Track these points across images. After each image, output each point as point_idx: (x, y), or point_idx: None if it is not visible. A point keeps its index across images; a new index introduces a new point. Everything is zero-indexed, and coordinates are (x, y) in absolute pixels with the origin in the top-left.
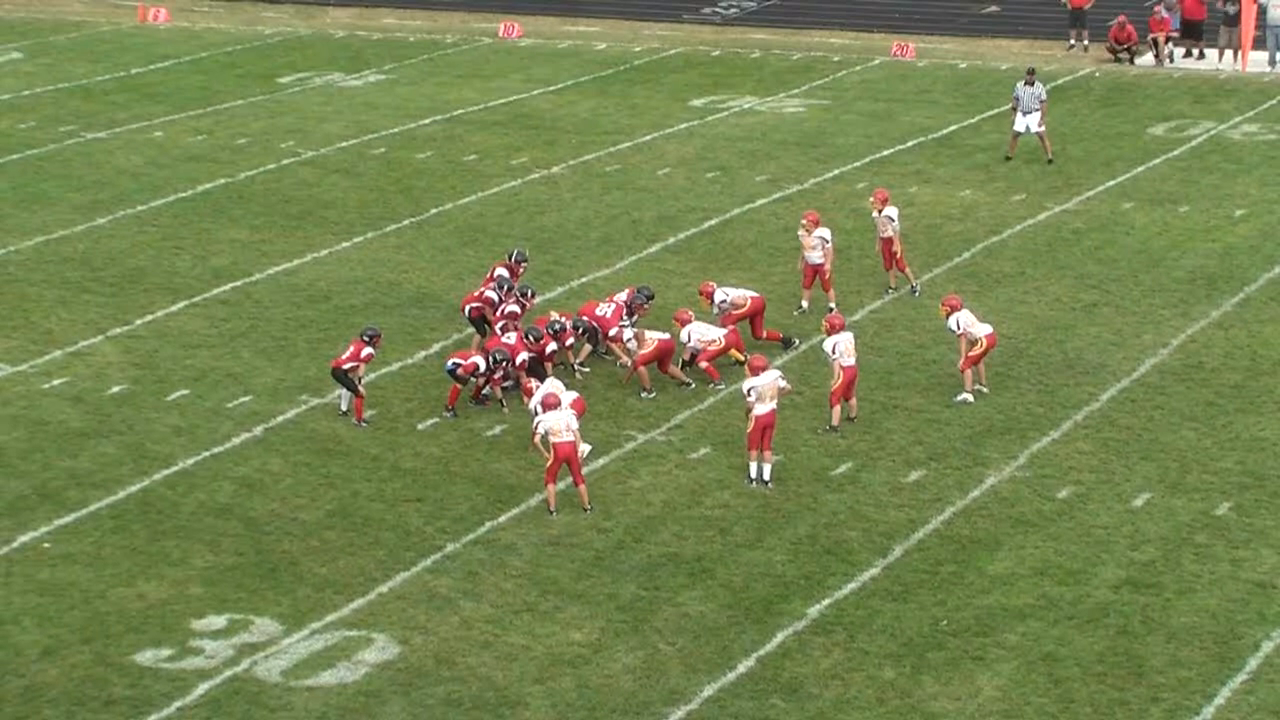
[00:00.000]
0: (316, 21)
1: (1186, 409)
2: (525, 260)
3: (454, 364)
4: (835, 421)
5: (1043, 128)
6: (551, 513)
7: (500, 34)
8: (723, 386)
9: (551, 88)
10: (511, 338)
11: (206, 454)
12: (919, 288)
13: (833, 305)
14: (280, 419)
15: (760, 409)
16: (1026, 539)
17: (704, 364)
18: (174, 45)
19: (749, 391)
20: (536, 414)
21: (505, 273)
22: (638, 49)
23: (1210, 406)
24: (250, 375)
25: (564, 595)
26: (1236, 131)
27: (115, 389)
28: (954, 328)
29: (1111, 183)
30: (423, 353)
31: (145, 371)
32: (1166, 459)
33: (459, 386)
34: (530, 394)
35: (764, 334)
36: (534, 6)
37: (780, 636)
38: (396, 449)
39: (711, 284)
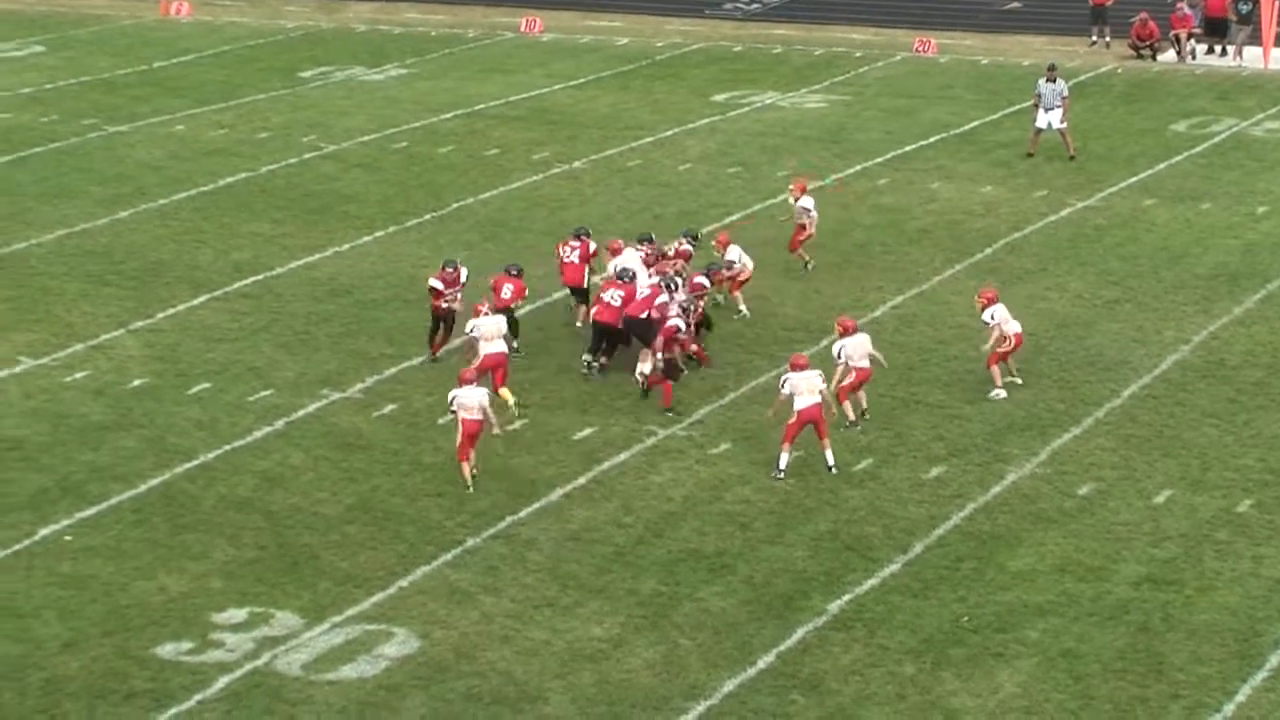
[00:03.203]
0: (338, 16)
1: (1208, 406)
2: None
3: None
4: (851, 417)
5: (1065, 124)
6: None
7: (522, 29)
8: (717, 371)
9: (573, 83)
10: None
11: (227, 448)
12: (812, 265)
13: (810, 263)
14: (301, 413)
15: (801, 403)
16: (1047, 535)
17: (693, 347)
18: (196, 39)
19: (784, 384)
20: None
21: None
22: (659, 44)
23: (1232, 403)
24: (271, 369)
25: (584, 590)
26: (1259, 128)
27: (136, 382)
28: (988, 320)
29: (1133, 179)
30: (444, 347)
31: (166, 365)
32: (1188, 456)
33: (670, 382)
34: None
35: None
36: (556, 1)
37: (800, 632)
38: (417, 443)
39: (728, 235)
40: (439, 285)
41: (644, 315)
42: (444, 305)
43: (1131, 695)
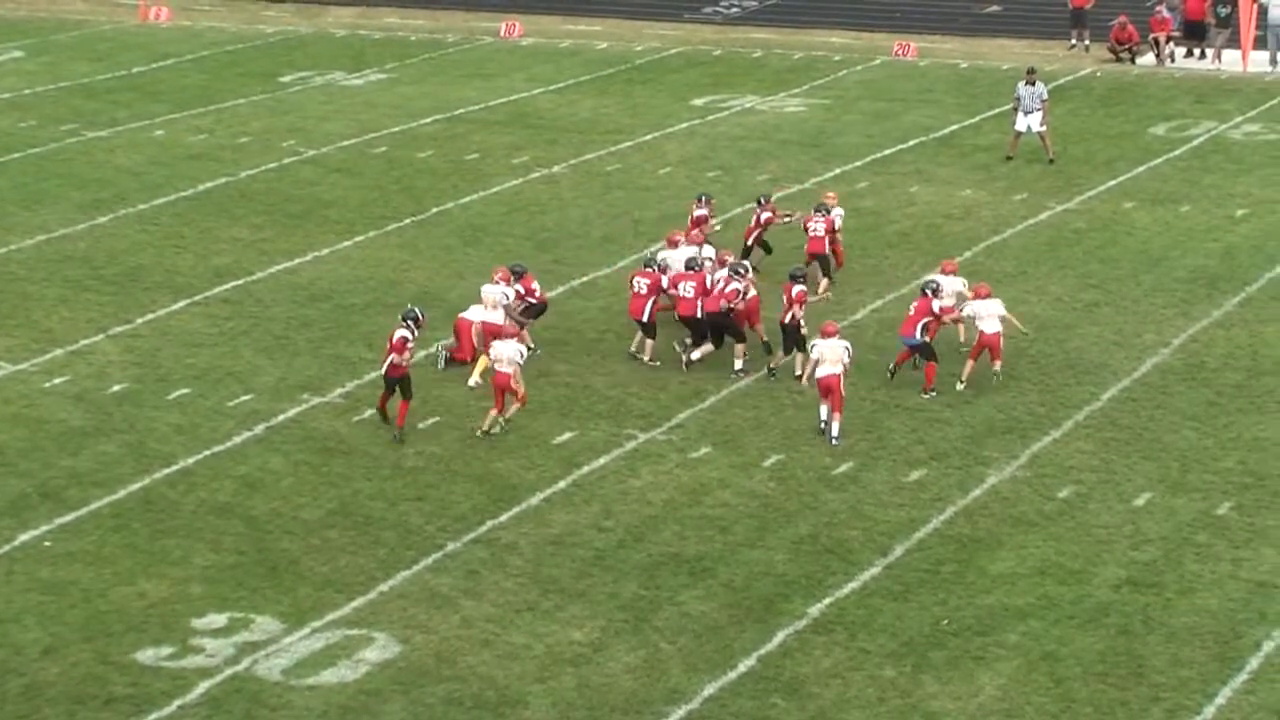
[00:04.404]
0: (318, 21)
1: (1188, 408)
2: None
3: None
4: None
5: (1044, 127)
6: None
7: (502, 33)
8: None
9: (553, 87)
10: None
11: (207, 453)
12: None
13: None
14: (281, 418)
15: (822, 370)
16: (1027, 538)
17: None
18: (175, 44)
19: (812, 348)
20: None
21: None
22: (639, 48)
23: (1211, 406)
24: (251, 374)
25: (565, 594)
26: (1238, 131)
27: (116, 388)
28: (966, 310)
29: (1113, 182)
30: (423, 352)
31: (146, 370)
32: (1168, 458)
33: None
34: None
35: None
36: (535, 6)
37: (781, 636)
38: (397, 448)
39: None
40: (407, 337)
41: (724, 308)
42: (398, 362)
43: (1112, 698)
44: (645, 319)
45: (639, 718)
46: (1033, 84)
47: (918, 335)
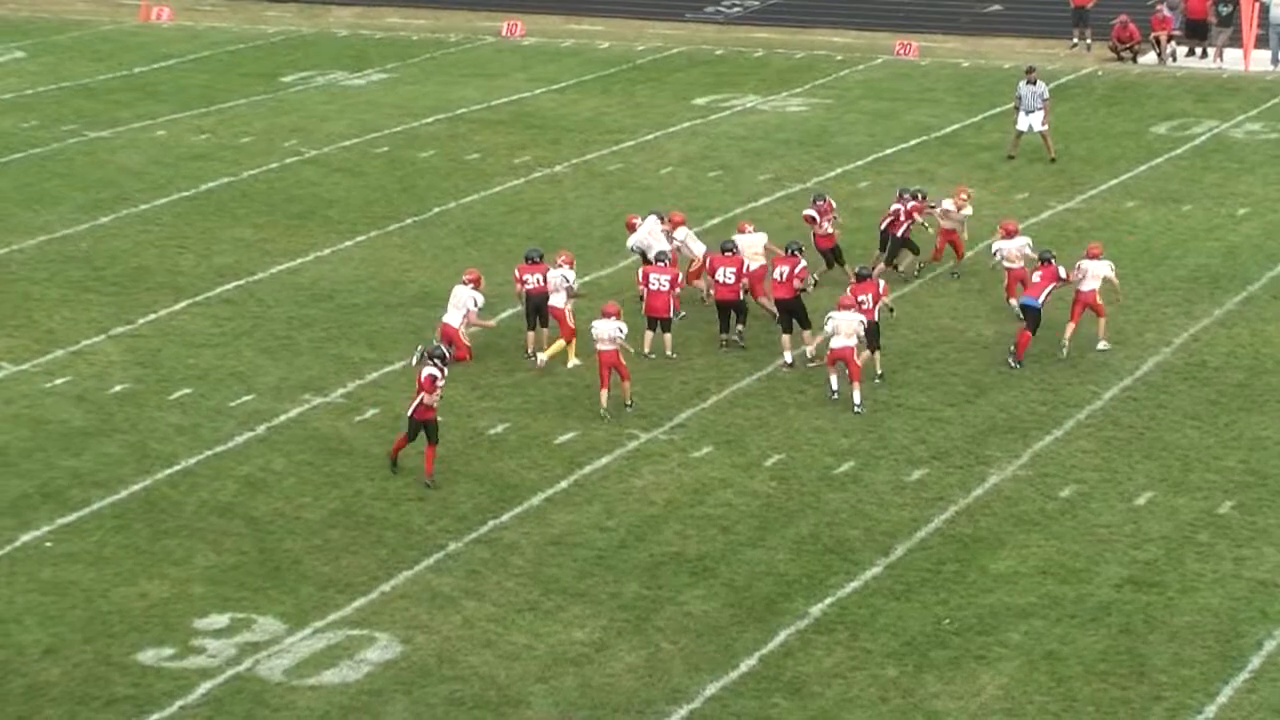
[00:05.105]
0: (319, 20)
1: (1189, 408)
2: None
3: None
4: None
5: (1046, 126)
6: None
7: (503, 33)
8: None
9: (554, 87)
10: None
11: (209, 453)
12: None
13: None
14: (283, 418)
15: (836, 342)
16: (1029, 538)
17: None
18: (177, 44)
19: (827, 321)
20: None
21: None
22: (640, 48)
23: (1213, 405)
24: (253, 374)
25: (566, 594)
26: (1239, 130)
27: (118, 388)
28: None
29: (1114, 181)
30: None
31: (148, 370)
32: (1169, 458)
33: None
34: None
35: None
36: (537, 5)
37: (782, 635)
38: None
39: (682, 216)
40: (435, 375)
41: (798, 290)
42: (429, 403)
43: (1114, 697)
44: (669, 315)
45: (640, 717)
46: (1033, 83)
47: (1040, 300)
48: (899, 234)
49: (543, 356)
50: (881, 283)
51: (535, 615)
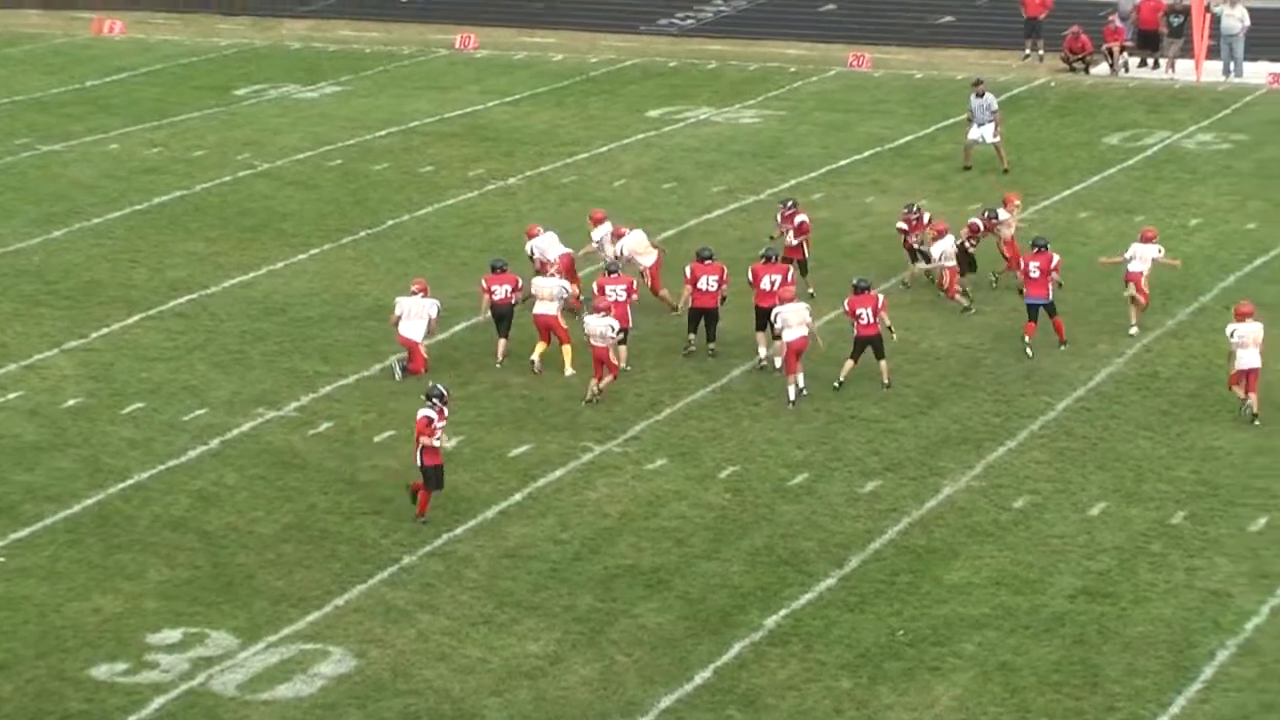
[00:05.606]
0: (272, 33)
1: (1142, 418)
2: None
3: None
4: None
5: (998, 138)
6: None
7: (456, 45)
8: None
9: (508, 99)
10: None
11: (162, 467)
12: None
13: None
14: (236, 432)
15: (788, 335)
16: (983, 549)
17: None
18: (129, 57)
19: (776, 318)
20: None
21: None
22: (594, 60)
23: (1165, 416)
24: (206, 388)
25: (521, 607)
26: (1191, 141)
27: (70, 402)
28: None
29: (1067, 192)
30: (378, 365)
31: (101, 385)
32: (1122, 468)
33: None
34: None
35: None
36: (490, 18)
37: (737, 647)
38: (353, 461)
39: (602, 213)
40: (431, 417)
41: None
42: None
43: (1067, 708)
44: (628, 325)
45: None
46: (981, 95)
47: (1050, 297)
48: (967, 247)
49: (540, 361)
50: (880, 296)
51: (490, 628)
